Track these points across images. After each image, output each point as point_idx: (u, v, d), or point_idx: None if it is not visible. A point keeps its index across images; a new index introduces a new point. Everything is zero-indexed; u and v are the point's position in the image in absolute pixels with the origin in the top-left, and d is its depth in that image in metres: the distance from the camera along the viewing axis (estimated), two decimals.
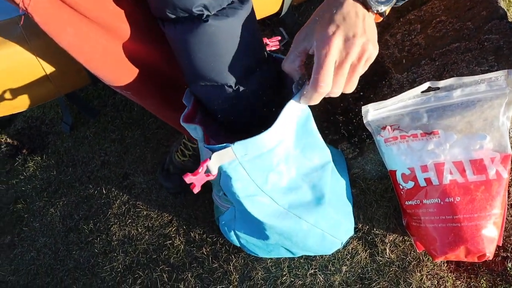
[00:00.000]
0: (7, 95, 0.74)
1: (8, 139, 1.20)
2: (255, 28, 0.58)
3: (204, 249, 0.84)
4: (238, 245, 0.77)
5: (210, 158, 0.53)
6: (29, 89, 0.75)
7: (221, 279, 0.80)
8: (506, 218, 0.78)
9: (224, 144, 0.54)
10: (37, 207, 1.02)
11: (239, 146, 0.54)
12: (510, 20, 0.85)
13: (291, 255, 0.76)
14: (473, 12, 0.91)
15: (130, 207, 0.95)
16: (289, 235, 0.66)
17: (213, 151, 0.53)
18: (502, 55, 0.78)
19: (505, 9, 0.88)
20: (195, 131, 0.63)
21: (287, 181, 0.63)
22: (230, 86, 0.59)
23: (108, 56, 0.63)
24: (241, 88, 0.59)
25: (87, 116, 1.15)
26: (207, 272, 0.81)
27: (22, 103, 0.78)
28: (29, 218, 1.01)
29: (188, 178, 0.52)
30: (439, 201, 0.68)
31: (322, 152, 0.66)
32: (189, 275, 0.82)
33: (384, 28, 1.09)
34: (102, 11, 0.57)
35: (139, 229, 0.91)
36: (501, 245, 0.71)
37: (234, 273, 0.80)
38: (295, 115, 0.59)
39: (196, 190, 0.53)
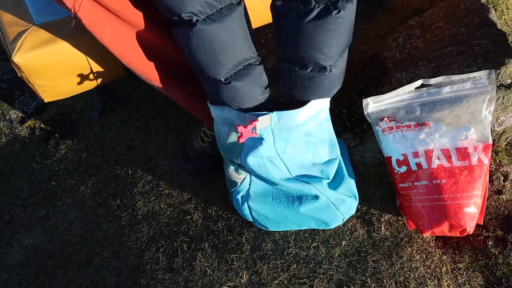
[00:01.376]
0: (56, 83, 0.86)
1: (41, 124, 1.32)
2: (242, 33, 0.68)
3: (219, 224, 0.95)
4: (251, 219, 0.88)
5: (258, 120, 0.68)
6: (74, 78, 0.87)
7: (235, 249, 0.91)
8: (490, 203, 0.87)
9: (265, 112, 0.70)
10: (69, 185, 1.14)
11: (275, 115, 0.70)
12: (499, 28, 0.95)
13: (297, 228, 0.87)
14: (467, 19, 1.01)
15: (153, 186, 1.06)
16: (299, 193, 0.80)
17: (257, 116, 0.67)
18: (489, 58, 0.88)
19: (496, 18, 0.98)
20: (221, 111, 0.76)
21: (301, 159, 0.76)
22: (220, 81, 0.71)
23: (138, 52, 0.76)
24: (231, 84, 0.71)
25: (114, 105, 1.26)
26: (222, 243, 0.92)
27: (67, 91, 0.90)
28: (62, 194, 1.13)
29: (240, 128, 0.68)
30: (428, 183, 0.78)
31: (331, 149, 0.80)
32: (206, 245, 0.92)
33: (387, 32, 1.20)
34: (135, 15, 0.70)
35: (162, 205, 1.02)
36: (482, 224, 0.81)
37: (246, 245, 0.91)
38: (321, 109, 0.76)
39: (241, 140, 0.69)
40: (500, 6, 1.10)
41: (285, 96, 0.77)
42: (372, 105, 0.85)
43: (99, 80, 0.91)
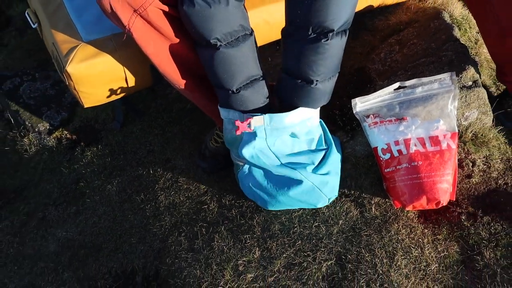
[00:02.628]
0: (97, 91, 1.03)
1: (68, 135, 1.47)
2: (252, 56, 0.90)
3: (233, 211, 1.10)
4: (252, 197, 1.04)
5: (252, 118, 0.85)
6: (112, 86, 1.04)
7: (247, 231, 1.05)
8: (462, 186, 1.04)
9: (260, 114, 0.87)
10: (96, 185, 1.28)
11: (268, 117, 0.88)
12: (462, 42, 1.15)
13: (289, 207, 1.03)
14: (436, 36, 1.22)
15: (173, 183, 1.21)
16: (287, 179, 0.98)
17: (253, 116, 0.82)
18: (453, 66, 1.07)
19: (459, 35, 1.19)
20: (227, 112, 0.96)
21: (287, 151, 0.96)
22: (232, 91, 0.92)
23: (171, 61, 0.94)
24: (240, 93, 0.91)
25: (134, 116, 1.43)
26: (236, 226, 1.07)
27: (103, 98, 1.07)
28: (90, 193, 1.27)
29: (238, 123, 0.86)
30: (407, 165, 0.95)
31: (319, 143, 1.00)
32: (222, 228, 1.07)
33: (371, 49, 1.39)
34: (172, 33, 0.88)
35: (181, 198, 1.16)
36: (454, 200, 0.97)
37: (257, 227, 1.05)
38: (308, 118, 0.95)
39: (238, 133, 0.88)
40: (463, 25, 1.31)
41: (280, 101, 0.97)
42: (360, 104, 1.02)
43: (131, 89, 1.08)
